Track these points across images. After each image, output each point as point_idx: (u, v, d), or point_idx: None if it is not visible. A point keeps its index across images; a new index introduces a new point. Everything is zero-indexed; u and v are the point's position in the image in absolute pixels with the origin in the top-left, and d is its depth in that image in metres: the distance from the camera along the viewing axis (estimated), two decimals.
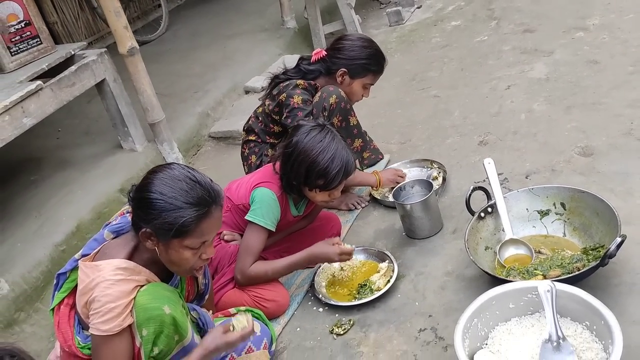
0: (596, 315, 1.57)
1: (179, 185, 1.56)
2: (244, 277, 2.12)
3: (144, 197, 1.57)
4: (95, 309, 1.56)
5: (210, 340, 1.65)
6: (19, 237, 2.83)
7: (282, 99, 2.53)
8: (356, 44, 2.54)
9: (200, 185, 1.59)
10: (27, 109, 2.71)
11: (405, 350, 1.91)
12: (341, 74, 2.54)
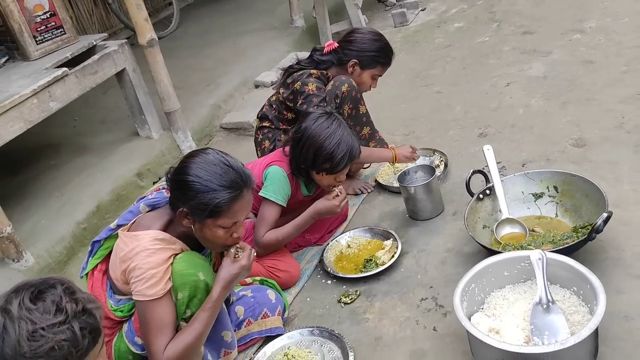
0: (583, 280, 1.73)
1: (214, 169, 1.72)
2: (259, 247, 2.28)
3: (182, 180, 1.72)
4: (137, 277, 1.70)
5: (224, 272, 1.78)
6: (43, 214, 2.99)
7: (296, 87, 2.68)
8: (367, 37, 2.71)
9: (233, 169, 1.75)
10: (54, 93, 2.88)
11: (408, 316, 2.07)
12: (352, 65, 2.71)
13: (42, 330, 1.25)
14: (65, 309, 1.28)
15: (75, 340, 1.28)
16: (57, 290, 1.30)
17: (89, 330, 1.31)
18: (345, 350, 1.97)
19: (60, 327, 1.26)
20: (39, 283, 1.32)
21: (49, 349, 1.25)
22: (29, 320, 1.25)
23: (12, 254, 2.60)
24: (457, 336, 1.90)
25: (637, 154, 2.54)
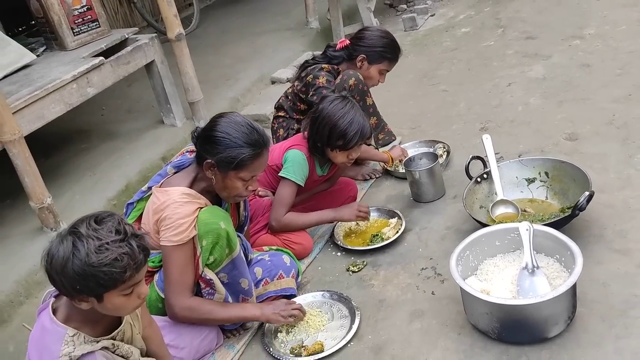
0: (564, 248, 1.96)
1: (241, 129, 1.98)
2: (278, 224, 2.52)
3: (213, 135, 1.98)
4: (167, 225, 1.96)
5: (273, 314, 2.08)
6: (77, 191, 3.26)
7: (309, 79, 2.93)
8: (375, 34, 2.96)
9: (256, 130, 2.01)
10: (91, 80, 3.15)
11: (409, 283, 2.30)
12: (361, 60, 2.95)
13: (107, 244, 1.49)
14: (124, 230, 1.52)
15: (133, 254, 1.51)
16: (114, 218, 1.55)
17: (142, 249, 1.55)
18: (353, 310, 2.20)
19: (120, 243, 1.50)
20: (98, 213, 1.57)
21: (112, 259, 1.48)
22: (96, 238, 1.49)
23: (51, 223, 2.86)
24: (453, 299, 2.13)
25: (624, 147, 2.77)
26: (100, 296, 1.55)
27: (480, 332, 1.96)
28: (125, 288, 1.55)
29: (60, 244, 1.50)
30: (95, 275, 1.49)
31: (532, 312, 1.81)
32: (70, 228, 1.53)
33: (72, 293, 1.55)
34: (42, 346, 1.57)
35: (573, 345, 1.83)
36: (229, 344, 2.19)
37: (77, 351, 1.56)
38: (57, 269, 1.51)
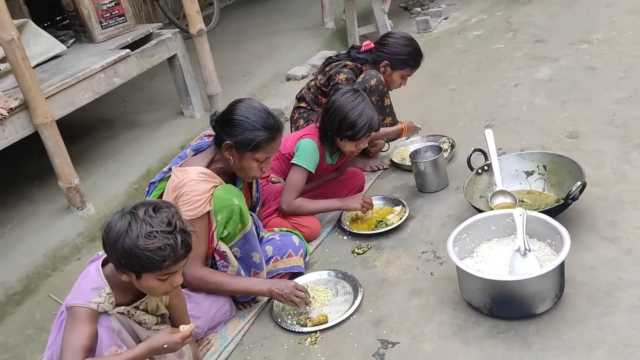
0: (554, 232, 2.09)
1: (258, 114, 2.16)
2: (288, 207, 2.68)
3: (232, 118, 2.16)
4: (184, 201, 2.13)
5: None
6: (101, 175, 3.45)
7: (331, 73, 3.06)
8: (399, 41, 3.09)
9: (272, 116, 2.18)
10: (118, 70, 3.35)
11: (410, 264, 2.45)
12: (384, 66, 3.09)
13: (156, 233, 1.66)
14: (175, 224, 1.69)
15: (176, 248, 1.68)
16: (170, 210, 1.72)
17: (185, 244, 1.71)
18: (356, 287, 2.36)
19: (168, 234, 1.67)
20: (159, 202, 1.75)
21: (156, 247, 1.66)
22: (149, 224, 1.66)
23: (77, 202, 3.06)
24: (450, 279, 2.27)
25: (621, 144, 2.89)
26: (140, 275, 1.72)
27: (473, 308, 2.10)
28: (162, 275, 1.73)
29: (119, 219, 1.69)
30: (139, 257, 1.67)
31: (521, 289, 1.95)
32: (131, 208, 1.71)
33: (117, 264, 1.73)
34: (79, 287, 1.76)
35: (559, 321, 1.97)
36: (240, 315, 2.36)
37: (102, 306, 1.74)
38: (111, 240, 1.69)
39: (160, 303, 1.95)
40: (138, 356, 1.73)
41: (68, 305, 1.75)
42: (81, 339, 1.69)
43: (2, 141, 2.81)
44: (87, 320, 1.71)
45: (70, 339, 1.69)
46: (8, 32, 2.67)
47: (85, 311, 1.71)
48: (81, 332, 1.69)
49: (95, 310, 1.73)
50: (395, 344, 2.07)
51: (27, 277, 2.80)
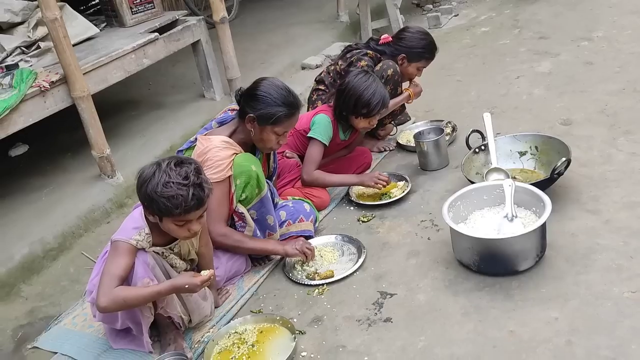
0: (538, 200, 2.34)
1: (280, 92, 2.41)
2: (309, 178, 2.93)
3: (256, 94, 2.41)
4: (208, 165, 2.39)
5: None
6: (129, 149, 3.74)
7: (352, 60, 3.28)
8: (415, 35, 3.32)
9: (292, 94, 2.45)
10: (147, 52, 3.63)
11: (410, 231, 2.71)
12: (401, 59, 3.31)
13: (172, 184, 1.92)
14: (190, 179, 1.96)
15: (187, 199, 1.94)
16: (190, 166, 1.99)
17: (197, 198, 1.97)
18: (360, 249, 2.62)
19: (182, 187, 1.94)
20: (185, 158, 2.02)
21: (170, 196, 1.92)
22: (168, 175, 1.93)
23: (108, 171, 3.34)
24: (444, 243, 2.52)
25: (610, 131, 3.12)
26: (160, 218, 2.00)
27: (464, 266, 2.36)
28: (177, 221, 2.00)
29: (148, 168, 1.97)
30: (157, 202, 1.94)
31: (505, 247, 2.20)
32: (160, 160, 1.98)
33: (144, 206, 2.01)
34: (124, 226, 2.05)
35: (539, 278, 2.22)
36: (255, 270, 2.63)
37: (140, 244, 2.02)
38: (139, 184, 1.97)
39: (191, 248, 2.23)
40: (162, 291, 2.01)
41: (112, 240, 2.03)
42: (119, 269, 1.96)
43: (43, 111, 3.09)
44: (126, 253, 1.99)
45: (110, 268, 1.97)
46: (52, 12, 2.96)
47: (126, 246, 1.99)
48: (120, 263, 1.97)
49: (134, 246, 2.01)
50: (393, 295, 2.32)
51: (62, 235, 3.09)
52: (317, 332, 2.23)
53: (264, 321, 2.30)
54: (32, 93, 3.02)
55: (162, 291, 2.01)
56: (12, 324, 2.68)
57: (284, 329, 2.24)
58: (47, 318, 2.67)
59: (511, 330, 2.02)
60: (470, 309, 2.15)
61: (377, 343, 2.11)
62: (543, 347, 1.92)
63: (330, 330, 2.22)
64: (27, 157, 3.99)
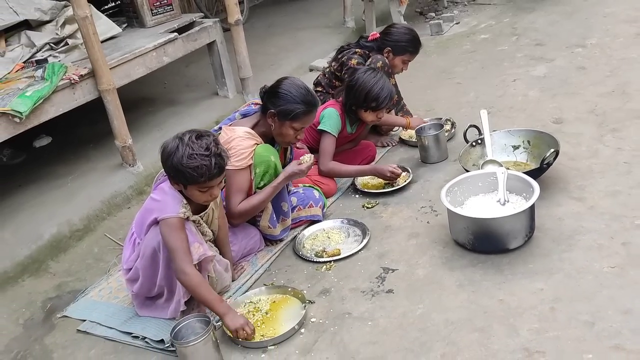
0: (528, 186, 2.56)
1: (300, 90, 2.65)
2: (325, 168, 3.16)
3: (278, 91, 2.65)
4: (231, 153, 2.60)
5: (290, 167, 2.67)
6: (147, 141, 3.98)
7: (344, 60, 3.59)
8: (400, 30, 3.61)
9: (310, 93, 2.69)
10: (166, 50, 3.88)
11: (410, 215, 2.94)
12: (387, 52, 3.59)
13: (196, 155, 2.16)
14: (211, 149, 2.19)
15: (210, 168, 2.18)
16: (210, 138, 2.22)
17: (218, 167, 2.21)
18: (365, 231, 2.84)
19: (205, 157, 2.17)
20: (203, 131, 2.25)
21: (195, 166, 2.16)
22: (191, 147, 2.16)
23: (130, 160, 3.58)
24: (442, 226, 2.75)
25: (598, 129, 3.36)
26: (185, 186, 2.23)
27: (459, 246, 2.58)
28: (201, 187, 2.23)
29: (171, 142, 2.20)
30: (183, 172, 2.18)
31: (497, 226, 2.42)
32: (181, 134, 2.21)
33: (170, 177, 2.25)
34: (163, 204, 2.26)
35: (527, 255, 2.44)
36: (268, 249, 2.86)
37: (186, 214, 2.25)
38: (164, 158, 2.21)
39: (215, 215, 2.46)
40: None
41: (160, 219, 2.23)
42: (184, 242, 2.20)
43: (72, 102, 3.34)
44: (180, 227, 2.22)
45: (176, 245, 2.18)
46: (83, 10, 3.21)
47: (177, 220, 2.22)
48: (181, 237, 2.20)
49: (182, 218, 2.24)
50: (394, 270, 2.55)
51: (87, 218, 3.32)
52: (325, 301, 2.45)
53: (276, 292, 2.52)
54: (63, 85, 3.27)
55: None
56: (42, 296, 2.90)
57: (294, 299, 2.46)
58: (74, 292, 2.89)
59: (501, 299, 2.24)
60: (464, 282, 2.38)
61: (380, 310, 2.33)
62: (529, 312, 2.15)
63: (337, 300, 2.44)
64: (50, 148, 4.23)
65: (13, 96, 3.09)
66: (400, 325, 2.23)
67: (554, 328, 2.05)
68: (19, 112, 3.00)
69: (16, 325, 2.74)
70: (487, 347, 2.04)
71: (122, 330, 2.49)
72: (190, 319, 2.24)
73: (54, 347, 2.54)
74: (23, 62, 3.61)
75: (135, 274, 2.44)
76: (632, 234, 2.44)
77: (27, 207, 3.40)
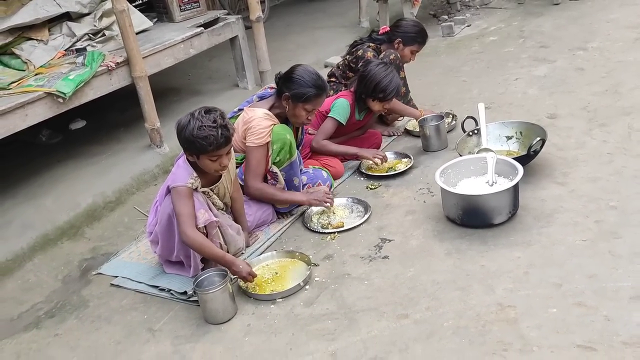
0: (514, 169, 2.85)
1: (312, 76, 2.98)
2: (316, 144, 3.50)
3: (292, 76, 2.97)
4: (252, 132, 2.95)
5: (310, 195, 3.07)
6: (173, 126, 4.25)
7: (359, 53, 3.91)
8: (409, 23, 3.96)
9: (321, 79, 3.01)
10: (193, 43, 4.24)
11: (409, 196, 3.24)
12: (397, 42, 3.92)
13: (204, 127, 2.48)
14: (218, 122, 2.52)
15: (217, 137, 2.49)
16: (217, 113, 2.55)
17: (225, 137, 2.52)
18: (367, 208, 3.15)
19: (212, 128, 2.49)
20: (209, 107, 2.58)
21: (204, 136, 2.47)
22: (200, 121, 2.49)
23: (157, 141, 3.95)
24: (437, 205, 3.05)
25: (588, 124, 3.63)
26: (198, 156, 2.57)
27: (450, 221, 2.88)
28: (211, 156, 2.56)
29: (184, 117, 2.55)
30: (194, 143, 2.51)
31: (483, 202, 2.72)
32: (192, 111, 2.55)
33: (184, 149, 2.59)
34: (176, 174, 2.61)
35: (509, 229, 2.74)
36: (279, 221, 3.19)
37: (194, 184, 2.59)
38: (178, 132, 2.55)
39: (227, 192, 2.79)
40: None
41: (171, 187, 2.58)
42: (189, 208, 2.53)
43: (108, 87, 3.71)
44: (188, 195, 2.56)
45: (182, 209, 2.52)
46: (121, 5, 3.58)
47: (186, 189, 2.56)
48: (187, 204, 2.54)
49: (190, 188, 2.57)
50: (391, 241, 2.86)
51: (119, 191, 3.69)
52: (328, 265, 2.77)
53: (285, 256, 2.85)
54: (101, 71, 3.64)
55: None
56: (78, 257, 3.27)
57: (301, 262, 2.79)
58: (106, 254, 3.25)
59: (482, 265, 2.54)
60: (452, 251, 2.68)
61: (376, 272, 2.64)
62: (505, 275, 2.44)
63: (338, 264, 2.76)
64: (85, 131, 4.62)
65: (57, 79, 3.47)
66: (392, 284, 2.54)
67: (525, 288, 2.35)
68: (62, 93, 3.38)
69: (55, 280, 3.10)
70: (466, 302, 2.34)
71: (150, 284, 2.84)
72: (210, 272, 2.58)
73: (90, 297, 2.90)
74: (64, 50, 3.99)
75: (156, 237, 2.79)
76: (606, 214, 2.73)
77: (66, 180, 3.78)
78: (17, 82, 3.56)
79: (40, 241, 3.30)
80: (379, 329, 2.30)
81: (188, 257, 2.71)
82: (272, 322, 2.47)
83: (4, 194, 3.69)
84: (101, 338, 2.59)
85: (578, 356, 2.00)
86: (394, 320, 2.33)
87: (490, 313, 2.26)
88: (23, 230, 3.36)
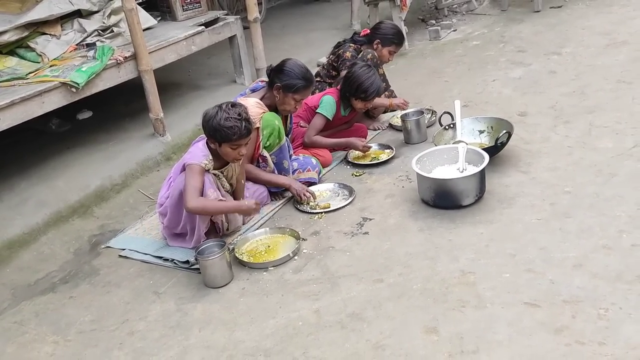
0: (482, 158, 3.21)
1: (300, 69, 3.34)
2: (308, 140, 3.84)
3: (283, 69, 3.33)
4: None
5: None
6: (174, 118, 4.67)
7: (340, 53, 4.28)
8: (387, 26, 4.34)
9: (309, 72, 3.37)
10: (194, 40, 4.58)
11: (389, 182, 3.59)
12: (376, 43, 4.28)
13: (231, 118, 2.83)
14: (242, 115, 2.87)
15: (240, 129, 2.84)
16: (241, 107, 2.90)
17: (247, 129, 2.88)
18: (351, 192, 3.50)
19: (237, 120, 2.84)
20: (235, 102, 2.93)
21: (229, 126, 2.83)
22: (227, 113, 2.84)
23: (160, 131, 4.28)
24: (413, 190, 3.40)
25: (553, 121, 4.00)
26: (220, 144, 2.91)
27: (424, 203, 3.23)
28: (233, 145, 2.90)
29: (212, 109, 2.89)
30: (220, 131, 2.85)
31: (453, 186, 3.08)
32: (219, 104, 2.89)
33: (209, 136, 2.93)
34: (193, 153, 2.95)
35: (475, 210, 3.09)
36: (273, 202, 3.53)
37: (207, 165, 2.93)
38: (205, 120, 2.89)
39: (234, 174, 3.14)
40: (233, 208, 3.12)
41: (187, 163, 2.92)
42: (198, 182, 2.87)
43: (117, 79, 4.04)
44: (199, 172, 2.89)
45: (191, 182, 2.86)
46: (130, 3, 3.92)
47: (198, 167, 2.90)
48: (197, 179, 2.87)
49: (203, 167, 2.91)
50: (371, 219, 3.21)
51: (125, 175, 4.01)
52: (315, 239, 3.12)
53: (277, 232, 3.20)
54: (110, 64, 3.97)
55: (234, 207, 3.06)
56: (87, 233, 3.59)
57: (291, 237, 3.13)
58: (114, 231, 3.58)
59: (449, 239, 2.90)
60: (424, 227, 3.04)
61: (356, 245, 2.99)
62: (469, 248, 2.80)
63: (324, 239, 3.11)
64: (91, 120, 4.94)
65: (71, 70, 3.80)
66: (370, 255, 2.89)
67: (485, 258, 2.71)
68: (76, 83, 3.71)
69: (68, 252, 3.43)
70: (433, 269, 2.70)
71: (155, 255, 3.17)
72: (210, 242, 2.92)
73: (100, 266, 3.23)
74: (75, 44, 4.32)
75: (165, 209, 3.12)
76: (560, 198, 3.09)
77: (76, 164, 4.11)
78: (34, 72, 3.89)
79: (54, 218, 3.62)
80: (357, 291, 2.65)
81: (193, 228, 3.04)
82: (265, 286, 2.81)
83: (21, 175, 4.01)
84: (112, 299, 2.92)
85: (524, 311, 2.36)
86: (371, 283, 2.68)
87: (453, 278, 2.61)
88: (38, 207, 3.68)
